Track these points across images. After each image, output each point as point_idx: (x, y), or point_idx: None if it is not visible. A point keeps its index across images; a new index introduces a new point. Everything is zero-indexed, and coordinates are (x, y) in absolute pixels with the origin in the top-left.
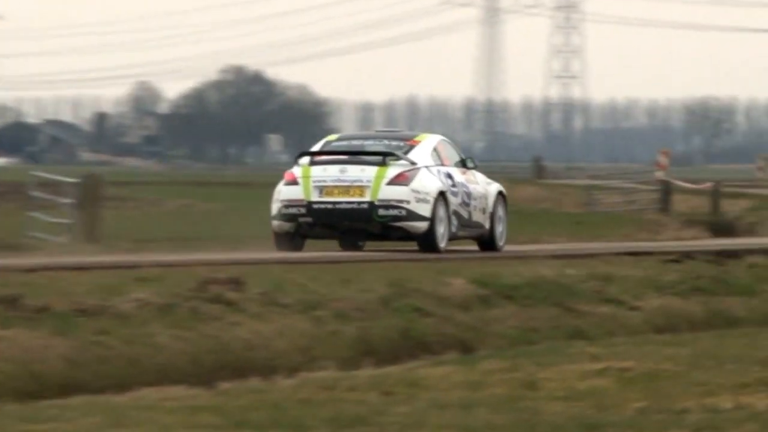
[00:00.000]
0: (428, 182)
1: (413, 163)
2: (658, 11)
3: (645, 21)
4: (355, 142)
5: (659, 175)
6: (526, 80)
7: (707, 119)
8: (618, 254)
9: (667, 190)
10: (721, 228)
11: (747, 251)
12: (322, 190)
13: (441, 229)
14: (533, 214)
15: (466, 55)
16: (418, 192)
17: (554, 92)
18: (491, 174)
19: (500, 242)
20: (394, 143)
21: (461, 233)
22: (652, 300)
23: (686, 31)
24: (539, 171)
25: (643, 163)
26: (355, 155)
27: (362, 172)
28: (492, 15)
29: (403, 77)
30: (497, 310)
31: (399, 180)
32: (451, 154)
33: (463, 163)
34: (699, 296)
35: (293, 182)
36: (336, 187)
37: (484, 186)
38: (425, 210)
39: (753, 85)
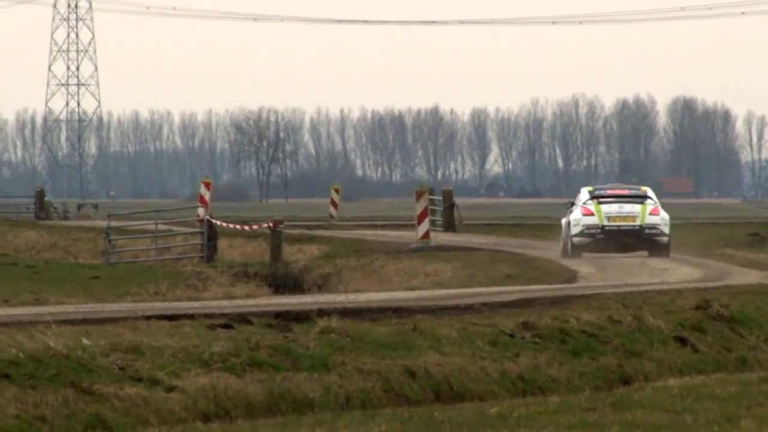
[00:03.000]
0: (665, 214)
1: (655, 202)
2: None
3: (181, 11)
4: (609, 191)
5: (201, 213)
6: (22, 89)
7: (263, 139)
8: (149, 318)
9: (212, 234)
10: (285, 282)
11: (318, 312)
12: (609, 218)
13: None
14: (35, 267)
15: None
16: (663, 219)
17: (59, 105)
18: None
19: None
20: (633, 190)
21: None
22: (196, 378)
23: (229, 21)
24: (42, 210)
25: (179, 198)
26: (626, 197)
27: (633, 208)
28: None
29: None
30: None
31: (654, 212)
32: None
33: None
34: (258, 372)
35: (590, 214)
36: (618, 216)
37: None
38: (667, 230)
39: (321, 95)
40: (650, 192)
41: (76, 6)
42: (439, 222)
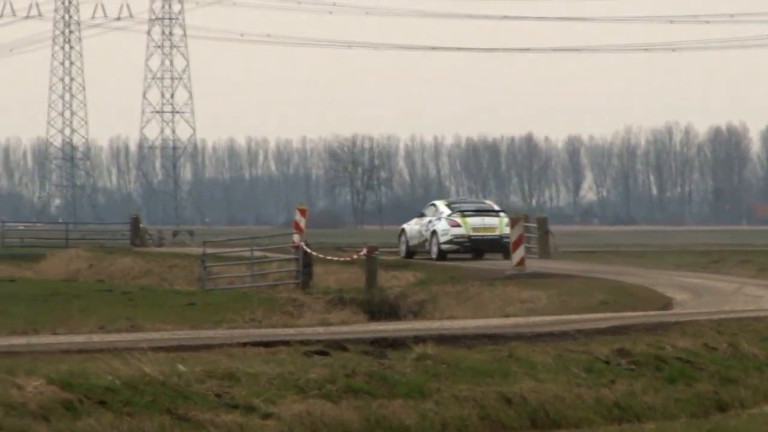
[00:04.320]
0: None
1: (506, 216)
2: (285, 25)
3: (275, 38)
4: (468, 204)
5: (296, 239)
6: (117, 116)
7: (357, 166)
8: (245, 344)
9: (307, 260)
10: (380, 308)
11: (414, 339)
12: (475, 229)
13: None
14: (131, 293)
15: (34, 85)
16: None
17: (154, 132)
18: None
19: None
20: (480, 204)
21: None
22: (292, 404)
23: (323, 49)
24: (138, 236)
25: (274, 225)
26: (485, 212)
27: (492, 221)
28: (68, 30)
29: None
30: (88, 420)
31: (509, 225)
32: None
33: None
34: (354, 399)
35: (458, 225)
36: (482, 227)
37: None
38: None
39: (415, 122)
40: (498, 207)
41: (170, 33)
42: (534, 249)
